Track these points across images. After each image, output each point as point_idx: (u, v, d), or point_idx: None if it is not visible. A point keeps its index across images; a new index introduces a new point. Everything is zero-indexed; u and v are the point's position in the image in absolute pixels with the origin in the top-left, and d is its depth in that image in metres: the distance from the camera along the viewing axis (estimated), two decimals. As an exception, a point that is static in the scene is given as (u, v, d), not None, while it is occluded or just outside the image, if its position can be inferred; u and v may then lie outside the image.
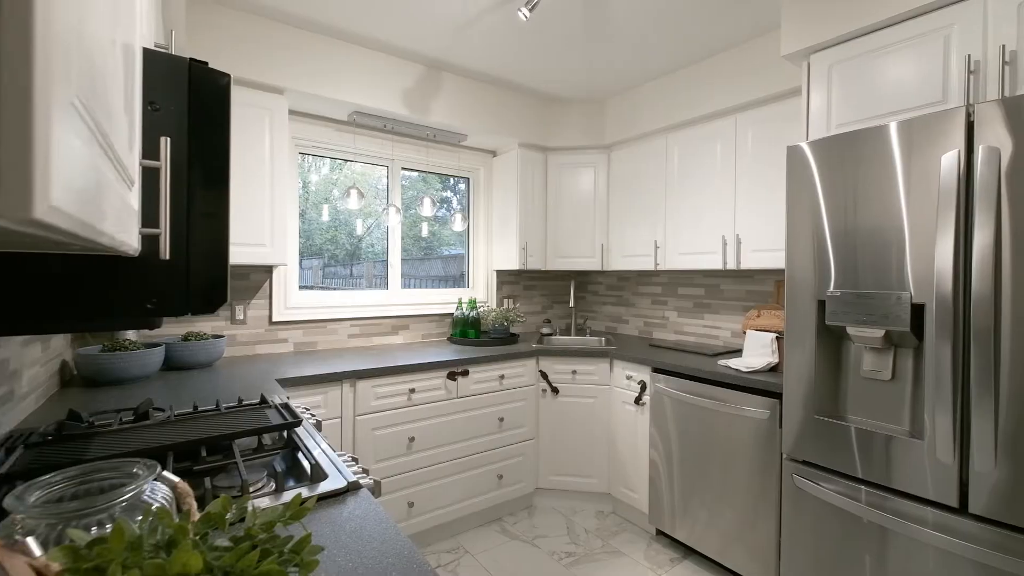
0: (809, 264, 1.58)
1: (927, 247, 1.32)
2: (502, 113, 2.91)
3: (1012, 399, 1.18)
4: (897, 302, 1.36)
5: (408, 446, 2.19)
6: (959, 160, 1.25)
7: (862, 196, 1.45)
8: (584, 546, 2.29)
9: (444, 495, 2.31)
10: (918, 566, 1.33)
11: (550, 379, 2.66)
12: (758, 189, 2.27)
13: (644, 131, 2.82)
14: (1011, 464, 1.18)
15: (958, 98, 1.45)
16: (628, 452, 2.50)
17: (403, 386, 2.19)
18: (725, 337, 2.73)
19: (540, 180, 3.13)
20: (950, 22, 1.47)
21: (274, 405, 1.30)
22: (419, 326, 2.94)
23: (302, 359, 2.27)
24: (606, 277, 3.49)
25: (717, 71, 2.45)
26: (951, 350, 1.26)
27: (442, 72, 2.67)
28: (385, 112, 2.51)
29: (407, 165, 2.98)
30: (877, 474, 1.41)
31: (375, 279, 2.98)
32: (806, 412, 1.57)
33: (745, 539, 1.94)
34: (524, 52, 2.48)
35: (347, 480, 0.93)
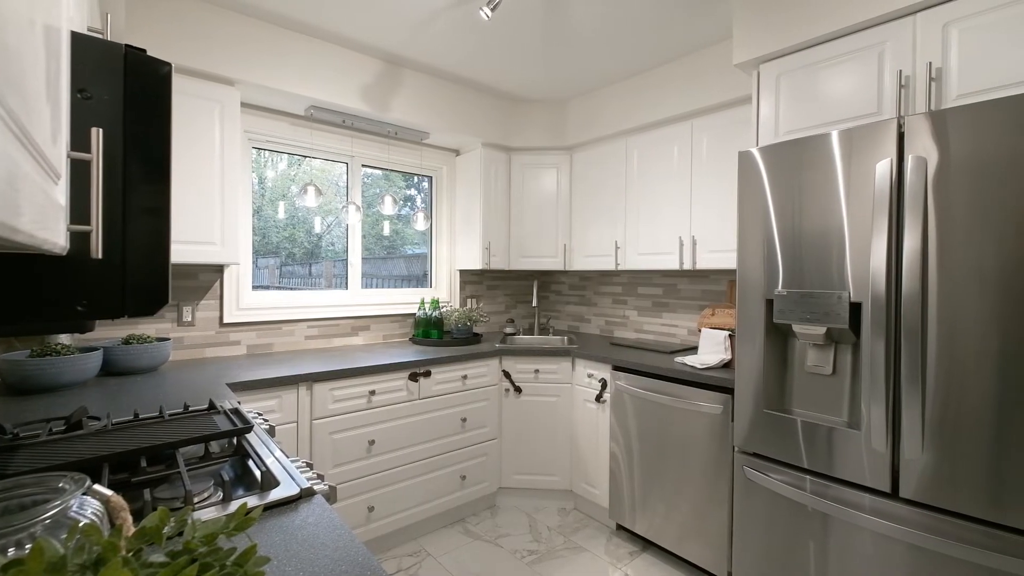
0: (759, 265, 1.65)
1: (864, 249, 1.41)
2: (465, 112, 2.90)
3: (937, 391, 1.27)
4: (837, 301, 1.44)
5: (368, 449, 2.15)
6: (891, 168, 1.34)
7: (807, 200, 1.53)
8: (546, 543, 2.31)
9: (406, 498, 2.28)
10: (856, 550, 1.42)
11: (513, 378, 2.67)
12: (713, 192, 2.36)
13: (604, 133, 2.87)
14: (936, 451, 1.27)
15: (891, 110, 1.56)
16: (589, 449, 2.54)
17: (363, 388, 2.14)
18: (682, 335, 2.82)
19: (503, 180, 3.13)
20: (883, 39, 1.58)
21: (223, 411, 1.24)
22: (380, 327, 2.89)
23: (256, 362, 2.18)
24: (569, 277, 3.54)
25: (674, 77, 2.52)
26: (884, 346, 1.34)
27: (403, 68, 2.63)
28: (344, 107, 2.44)
29: (368, 162, 2.91)
30: (820, 464, 1.49)
31: (335, 279, 2.90)
32: (756, 406, 1.65)
33: (700, 530, 2.01)
34: (486, 52, 2.48)
35: (300, 487, 0.90)
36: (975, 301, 1.22)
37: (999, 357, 1.18)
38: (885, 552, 1.36)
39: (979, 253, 1.21)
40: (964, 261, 1.23)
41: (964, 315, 1.23)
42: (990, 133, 1.20)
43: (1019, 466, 1.16)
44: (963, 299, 1.23)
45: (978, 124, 1.22)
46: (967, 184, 1.23)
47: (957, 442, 1.24)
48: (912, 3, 1.50)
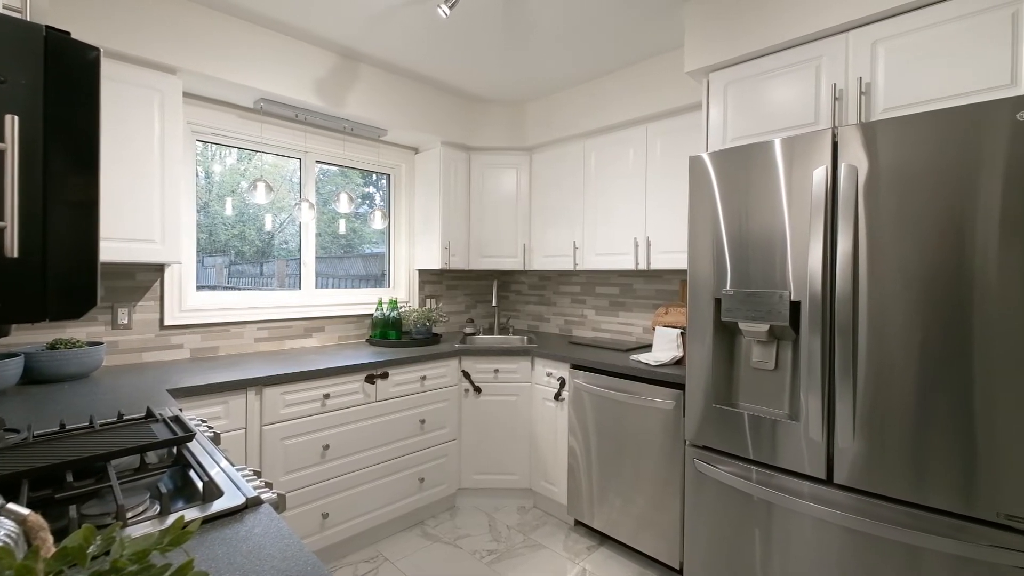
0: (709, 265, 1.72)
1: (803, 251, 1.49)
2: (424, 109, 2.86)
3: (867, 383, 1.36)
4: (779, 300, 1.53)
5: (322, 454, 2.08)
6: (827, 175, 1.43)
7: (753, 204, 1.61)
8: (506, 542, 2.32)
9: (362, 503, 2.22)
10: (797, 535, 1.50)
11: (473, 379, 2.66)
12: (666, 194, 2.44)
13: (563, 135, 2.91)
14: (865, 439, 1.37)
15: (827, 120, 1.66)
16: (548, 447, 2.57)
17: (316, 391, 2.07)
18: (637, 333, 2.89)
19: (463, 179, 3.12)
20: (820, 54, 1.68)
21: (162, 419, 1.17)
22: (336, 328, 2.81)
23: (200, 366, 2.07)
24: (528, 277, 3.56)
25: (630, 82, 2.58)
26: (820, 342, 1.43)
27: (359, 63, 2.57)
28: (296, 101, 2.36)
29: (322, 158, 2.82)
30: (765, 455, 1.57)
31: (288, 278, 2.79)
32: (705, 401, 1.71)
33: (655, 522, 2.08)
34: (446, 50, 2.45)
35: (246, 496, 0.86)
36: (900, 300, 1.32)
37: (920, 352, 1.29)
38: (822, 536, 1.45)
39: (904, 256, 1.31)
40: (891, 263, 1.33)
41: (891, 313, 1.33)
42: (911, 145, 1.30)
43: (938, 451, 1.26)
44: (890, 298, 1.33)
45: (901, 136, 1.32)
46: (893, 191, 1.33)
47: (884, 430, 1.34)
48: (845, 22, 1.60)
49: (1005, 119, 1.18)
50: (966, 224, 1.23)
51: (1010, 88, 1.34)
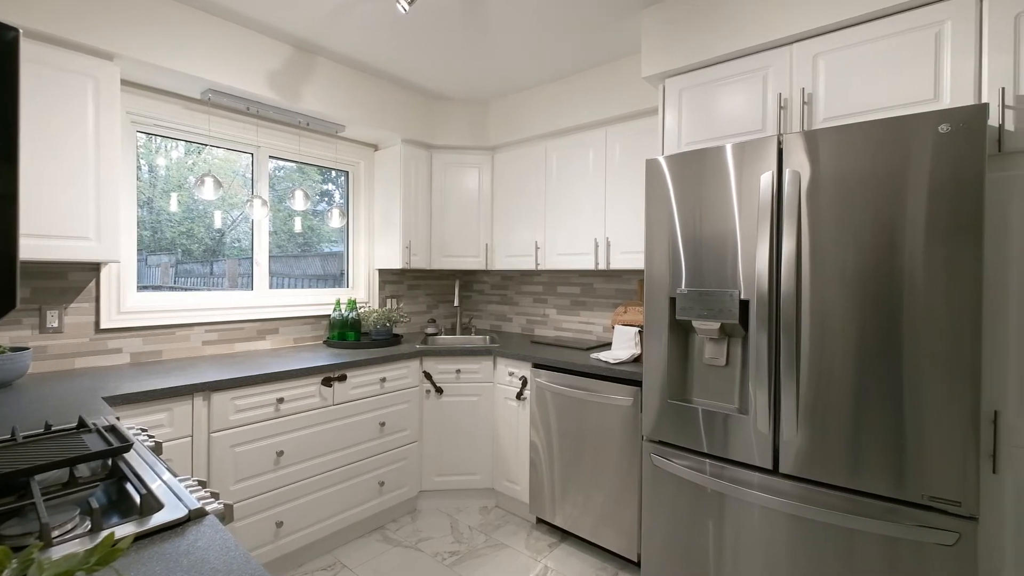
0: (665, 265, 1.77)
1: (752, 252, 1.56)
2: (384, 106, 2.80)
3: (809, 378, 1.44)
4: (730, 299, 1.59)
5: (276, 461, 2.00)
6: (773, 180, 1.50)
7: (707, 206, 1.66)
8: (468, 543, 2.31)
9: (319, 509, 2.16)
10: (746, 524, 1.57)
11: (434, 379, 2.63)
12: (625, 196, 2.49)
13: (525, 136, 2.92)
14: (808, 430, 1.45)
15: (773, 128, 1.74)
16: (510, 446, 2.57)
17: (270, 396, 1.99)
18: (598, 332, 2.95)
19: (425, 177, 3.08)
20: (767, 65, 1.76)
21: (96, 428, 1.09)
22: (291, 329, 2.71)
23: (142, 372, 1.95)
24: (491, 276, 3.56)
25: (590, 85, 2.63)
26: (767, 339, 1.50)
27: (316, 56, 2.49)
28: (247, 93, 2.26)
29: (276, 153, 2.72)
30: (718, 448, 1.63)
31: (240, 278, 2.67)
32: (661, 397, 1.76)
33: (614, 517, 2.12)
34: (407, 47, 2.41)
35: (188, 508, 0.81)
36: (839, 299, 1.40)
37: (857, 348, 1.37)
38: (769, 523, 1.52)
39: (842, 257, 1.39)
40: (831, 264, 1.41)
41: (830, 312, 1.41)
42: (848, 153, 1.38)
43: (872, 441, 1.35)
44: (830, 298, 1.41)
45: (839, 144, 1.40)
46: (832, 196, 1.41)
47: (824, 422, 1.42)
48: (789, 35, 1.69)
49: (929, 131, 1.27)
50: (896, 228, 1.32)
51: (934, 102, 1.45)
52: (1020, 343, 1.32)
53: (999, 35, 1.36)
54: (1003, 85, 1.35)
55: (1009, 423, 1.33)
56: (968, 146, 1.22)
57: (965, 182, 1.23)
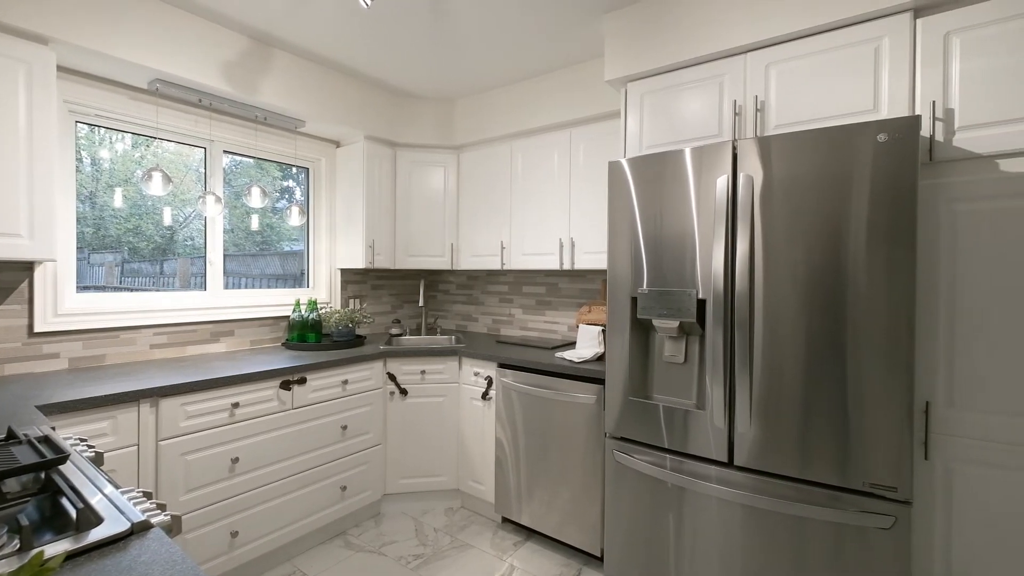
0: (627, 265, 1.80)
1: (709, 252, 1.61)
2: (347, 102, 2.74)
3: (762, 373, 1.51)
4: (688, 298, 1.64)
5: (231, 468, 1.92)
6: (728, 184, 1.56)
7: (667, 208, 1.71)
8: (433, 546, 2.29)
9: (278, 517, 2.09)
10: (704, 516, 1.62)
11: (398, 381, 2.59)
12: (589, 197, 2.53)
13: (491, 135, 2.92)
14: (760, 424, 1.51)
15: (729, 133, 1.81)
16: (476, 446, 2.57)
17: (223, 401, 1.91)
18: (563, 331, 2.98)
19: (389, 176, 3.03)
20: (722, 72, 1.82)
21: (27, 440, 1.02)
22: (247, 331, 2.61)
23: (82, 378, 1.83)
24: (456, 276, 3.54)
25: (556, 87, 2.65)
26: (722, 336, 1.56)
27: (273, 49, 2.40)
28: (199, 84, 2.16)
29: (231, 148, 2.61)
30: (678, 443, 1.68)
31: (193, 278, 2.55)
32: (623, 395, 1.80)
33: (578, 514, 2.15)
34: (370, 42, 2.37)
35: (131, 521, 0.77)
36: (789, 298, 1.47)
37: (806, 345, 1.44)
38: (725, 515, 1.58)
39: (793, 258, 1.46)
40: (782, 264, 1.48)
41: (781, 310, 1.48)
42: (798, 158, 1.45)
43: (819, 432, 1.42)
44: (781, 297, 1.48)
45: (790, 150, 1.47)
46: (784, 200, 1.47)
47: (775, 415, 1.49)
48: (743, 44, 1.76)
49: (869, 140, 1.35)
50: (841, 230, 1.39)
51: (873, 113, 1.55)
52: (949, 339, 1.42)
53: (930, 52, 1.46)
54: (934, 99, 1.45)
55: (939, 413, 1.43)
56: (903, 155, 1.31)
57: (901, 188, 1.31)
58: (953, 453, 1.41)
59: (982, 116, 1.38)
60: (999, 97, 1.36)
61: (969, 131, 1.40)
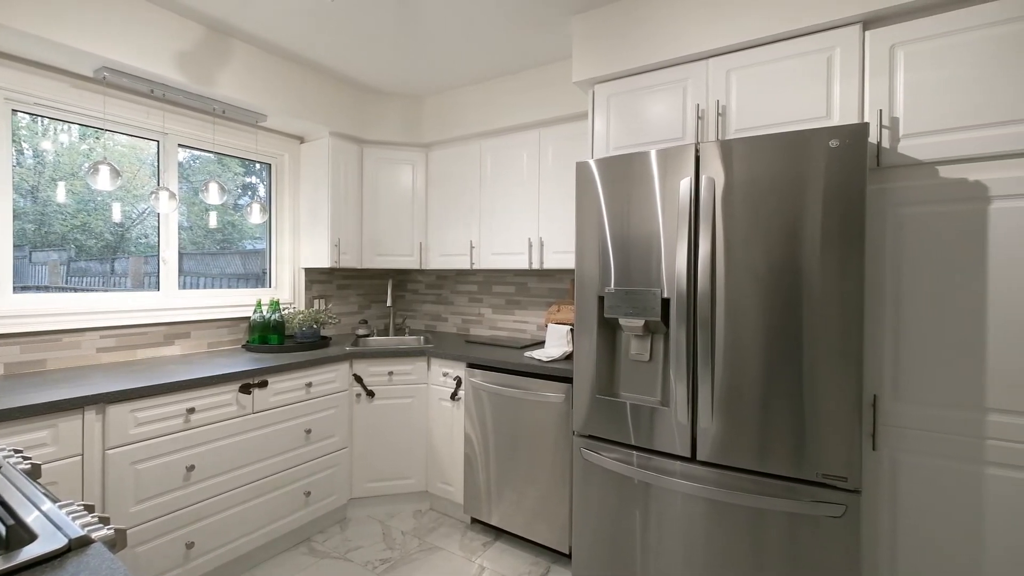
0: (595, 265, 1.82)
1: (673, 252, 1.65)
2: (311, 97, 2.67)
3: (723, 370, 1.55)
4: (653, 297, 1.67)
5: (186, 477, 1.84)
6: (691, 185, 1.59)
7: (634, 209, 1.73)
8: (400, 549, 2.25)
9: (237, 525, 2.01)
10: (669, 510, 1.66)
11: (365, 382, 2.54)
12: (557, 197, 2.54)
13: (460, 134, 2.90)
14: (722, 419, 1.55)
15: (692, 136, 1.85)
16: (445, 447, 2.54)
17: (178, 406, 1.83)
18: (532, 331, 2.99)
19: (355, 173, 2.97)
20: (686, 76, 1.87)
21: (-47, 452, 0.94)
22: (204, 333, 2.50)
23: (19, 384, 1.71)
24: (425, 276, 3.50)
25: (524, 87, 2.65)
26: (685, 334, 1.59)
27: (232, 39, 2.31)
28: (151, 74, 2.05)
29: (187, 142, 2.50)
30: (644, 439, 1.71)
31: (147, 277, 2.43)
32: (591, 393, 1.82)
33: (547, 512, 2.16)
34: (335, 36, 2.31)
35: (68, 537, 0.72)
36: (749, 297, 1.51)
37: (765, 341, 1.49)
38: (689, 509, 1.62)
39: (753, 258, 1.51)
40: (743, 264, 1.52)
41: (742, 309, 1.52)
42: (757, 162, 1.50)
43: (776, 425, 1.47)
44: (741, 296, 1.52)
45: (749, 154, 1.51)
46: (744, 201, 1.52)
47: (736, 410, 1.53)
48: (705, 50, 1.80)
49: (822, 145, 1.41)
50: (797, 232, 1.45)
51: (826, 119, 1.61)
52: (894, 335, 1.50)
53: (877, 63, 1.53)
54: (880, 107, 1.52)
55: (885, 406, 1.50)
56: (852, 160, 1.37)
57: (850, 192, 1.38)
58: (898, 444, 1.49)
59: (923, 125, 1.47)
60: (938, 107, 1.45)
61: (912, 139, 1.48)
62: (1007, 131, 1.37)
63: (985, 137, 1.39)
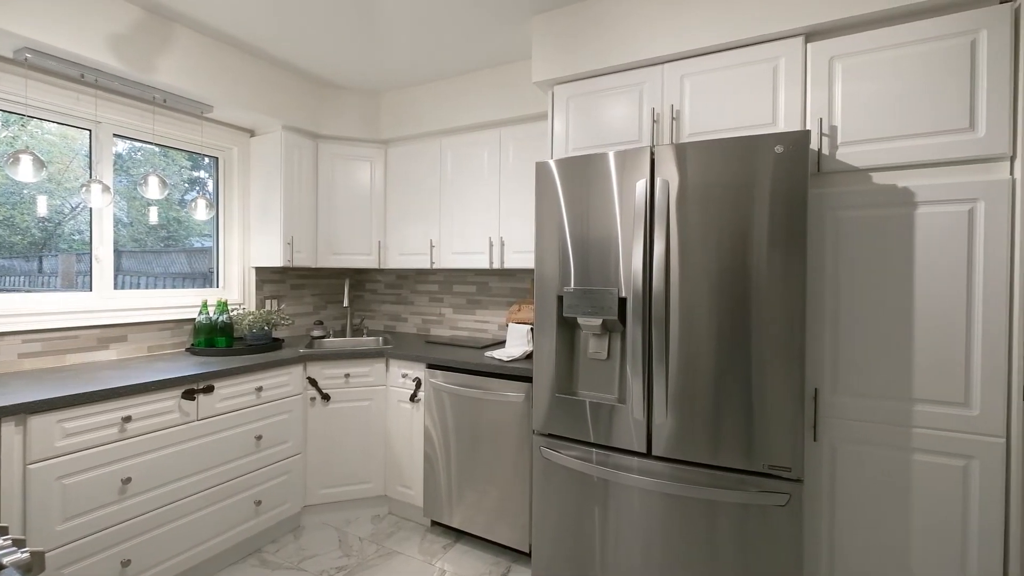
0: (555, 265, 1.83)
1: (630, 253, 1.68)
2: (261, 88, 2.55)
3: (678, 367, 1.59)
4: (611, 296, 1.70)
5: (121, 490, 1.72)
6: (647, 187, 1.63)
7: (593, 209, 1.75)
8: (357, 556, 2.19)
9: (180, 539, 1.90)
10: (627, 506, 1.69)
11: (320, 385, 2.46)
12: (518, 197, 2.55)
13: (421, 131, 2.85)
14: (676, 415, 1.60)
15: (648, 139, 1.90)
16: (404, 450, 2.50)
17: (113, 415, 1.70)
18: (493, 330, 2.98)
19: (310, 169, 2.86)
20: (642, 80, 1.91)
21: None
22: (143, 336, 2.35)
23: (-76, 394, 1.55)
24: (385, 275, 3.43)
25: (486, 85, 2.64)
26: (641, 333, 1.63)
27: (174, 24, 2.18)
28: (81, 58, 1.91)
29: (123, 132, 2.34)
30: (602, 437, 1.74)
31: (80, 277, 2.26)
32: (550, 392, 1.83)
33: (507, 512, 2.16)
34: (288, 26, 2.22)
35: (-26, 563, 0.66)
36: (702, 296, 1.56)
37: (717, 339, 1.54)
38: (646, 504, 1.66)
39: (706, 258, 1.56)
40: (696, 264, 1.57)
41: (696, 307, 1.57)
42: (709, 165, 1.55)
43: (727, 419, 1.53)
44: (696, 294, 1.57)
45: (702, 157, 1.56)
46: (697, 203, 1.57)
47: (690, 406, 1.58)
48: (660, 55, 1.85)
49: (769, 151, 1.47)
50: (747, 233, 1.51)
51: (772, 126, 1.69)
52: (834, 332, 1.58)
53: (818, 73, 1.62)
54: (821, 116, 1.61)
55: (826, 398, 1.59)
56: (795, 165, 1.44)
57: (794, 196, 1.44)
58: (837, 434, 1.57)
59: (859, 134, 1.56)
60: (872, 118, 1.54)
61: (849, 147, 1.57)
62: (931, 141, 1.47)
63: (912, 147, 1.49)
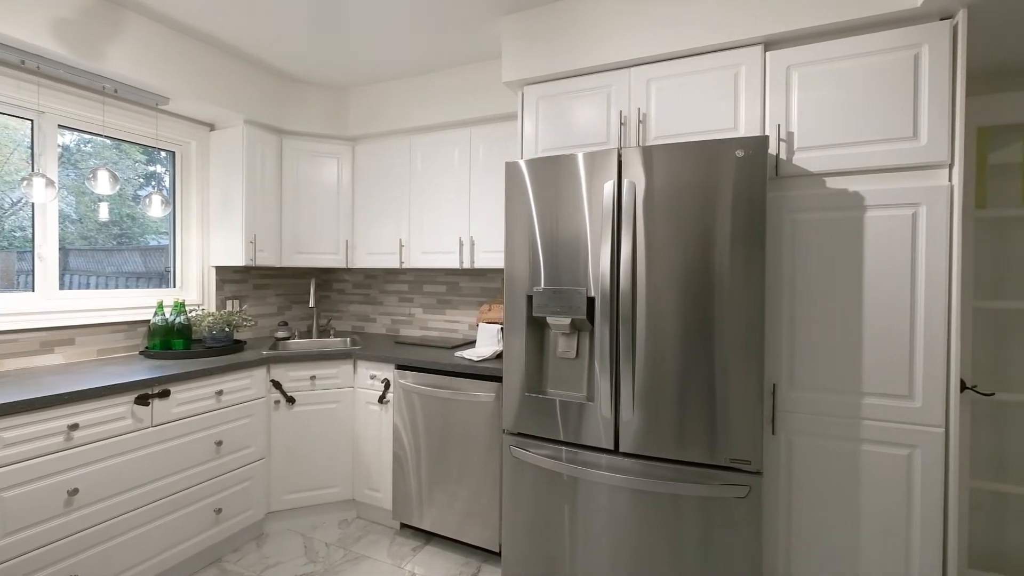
0: (525, 264, 1.84)
1: (598, 253, 1.70)
2: (222, 80, 2.46)
3: (644, 365, 1.63)
4: (579, 296, 1.72)
5: (67, 502, 1.63)
6: (614, 188, 1.66)
7: (562, 209, 1.77)
8: (324, 562, 2.14)
9: (133, 552, 1.81)
10: (596, 502, 1.71)
11: (284, 388, 2.39)
12: (489, 197, 2.54)
13: (389, 129, 2.81)
14: (642, 412, 1.63)
15: (615, 141, 1.93)
16: (372, 453, 2.46)
17: (57, 423, 1.61)
18: (463, 330, 2.97)
19: (274, 165, 2.78)
20: (610, 83, 1.94)
21: None
22: (93, 339, 2.23)
23: None
24: (352, 275, 3.36)
25: (456, 84, 2.62)
26: (608, 331, 1.66)
27: (126, 11, 2.08)
28: (21, 43, 1.79)
29: (69, 123, 2.21)
30: (572, 435, 1.75)
31: (21, 276, 2.12)
32: (520, 391, 1.84)
33: (477, 513, 2.15)
34: (248, 16, 2.14)
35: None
36: (668, 296, 1.60)
37: (682, 337, 1.58)
38: (614, 500, 1.68)
39: (672, 258, 1.60)
40: (662, 264, 1.61)
41: (661, 307, 1.61)
42: (675, 168, 1.59)
43: (691, 415, 1.57)
44: (661, 294, 1.61)
45: (667, 160, 1.60)
46: (663, 205, 1.60)
47: (656, 403, 1.61)
48: (628, 59, 1.88)
49: (730, 155, 1.52)
50: (710, 234, 1.55)
51: (733, 131, 1.75)
52: (790, 329, 1.65)
53: (776, 81, 1.68)
54: (779, 122, 1.67)
55: (783, 393, 1.66)
56: (755, 169, 1.49)
57: (753, 198, 1.50)
58: (793, 427, 1.64)
59: (813, 140, 1.63)
60: (825, 124, 1.62)
61: (804, 152, 1.64)
62: (878, 148, 1.56)
63: (861, 153, 1.58)
